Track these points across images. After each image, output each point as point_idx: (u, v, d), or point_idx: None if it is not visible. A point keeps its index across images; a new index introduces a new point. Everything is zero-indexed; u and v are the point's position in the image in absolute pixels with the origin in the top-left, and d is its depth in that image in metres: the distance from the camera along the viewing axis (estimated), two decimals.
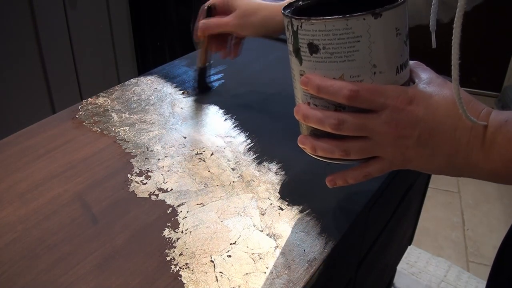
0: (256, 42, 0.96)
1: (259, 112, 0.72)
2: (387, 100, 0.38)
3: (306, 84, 0.39)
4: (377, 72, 0.38)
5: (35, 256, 0.47)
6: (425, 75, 0.41)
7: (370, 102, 0.38)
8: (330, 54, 0.38)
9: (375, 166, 0.42)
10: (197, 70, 0.77)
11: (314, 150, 0.42)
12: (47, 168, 0.59)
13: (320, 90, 0.39)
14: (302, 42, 0.39)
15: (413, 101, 0.38)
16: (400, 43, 0.39)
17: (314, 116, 0.40)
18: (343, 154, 0.41)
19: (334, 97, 0.38)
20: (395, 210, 0.79)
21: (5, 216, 0.51)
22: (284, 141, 0.65)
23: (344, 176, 0.44)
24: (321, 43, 0.38)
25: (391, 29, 0.37)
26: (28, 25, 1.36)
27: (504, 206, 1.75)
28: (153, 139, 0.65)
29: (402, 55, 0.39)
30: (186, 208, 0.53)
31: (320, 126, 0.40)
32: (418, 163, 0.40)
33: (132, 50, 1.80)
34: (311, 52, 0.39)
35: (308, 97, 0.41)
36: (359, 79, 0.38)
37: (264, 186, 0.56)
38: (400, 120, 0.38)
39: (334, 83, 0.38)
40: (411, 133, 0.38)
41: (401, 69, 0.40)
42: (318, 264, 0.46)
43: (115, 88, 0.78)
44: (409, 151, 0.39)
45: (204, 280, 0.44)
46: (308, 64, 0.40)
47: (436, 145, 0.38)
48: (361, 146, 0.40)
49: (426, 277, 1.44)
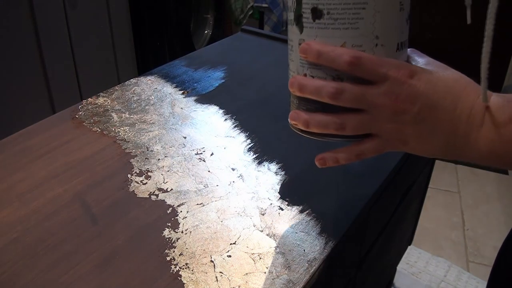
0: (256, 42, 0.96)
1: (259, 112, 0.72)
2: (389, 71, 0.37)
3: (306, 51, 0.38)
4: (379, 45, 0.38)
5: (35, 256, 0.47)
6: (422, 59, 0.40)
7: (371, 71, 0.37)
8: (333, 20, 0.37)
9: (369, 144, 0.40)
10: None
11: (307, 125, 0.40)
12: (47, 168, 0.59)
13: (320, 56, 0.37)
14: (305, 7, 0.38)
15: (414, 75, 0.37)
16: (402, 19, 0.39)
17: (311, 85, 0.38)
18: (338, 127, 0.38)
19: (334, 63, 0.37)
20: (395, 210, 0.79)
21: (5, 216, 0.51)
22: (284, 141, 0.65)
23: (335, 155, 0.41)
24: (325, 7, 0.37)
25: (396, 2, 0.37)
26: (28, 25, 1.36)
27: (504, 206, 1.74)
28: (153, 139, 0.65)
29: (403, 32, 0.39)
30: (186, 208, 0.53)
31: (317, 95, 0.38)
32: (414, 144, 0.39)
33: (132, 50, 1.80)
34: (314, 17, 0.38)
35: (306, 67, 0.39)
36: (360, 49, 0.37)
37: (264, 186, 0.56)
38: (400, 93, 0.37)
39: (336, 49, 0.37)
40: (411, 108, 0.37)
41: (401, 47, 0.39)
42: (318, 264, 0.46)
43: (115, 88, 0.78)
44: (406, 128, 0.38)
45: (204, 280, 0.44)
46: (309, 31, 0.39)
47: (435, 122, 0.37)
48: (358, 120, 0.38)
49: (426, 277, 1.44)
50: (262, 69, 0.86)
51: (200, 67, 0.86)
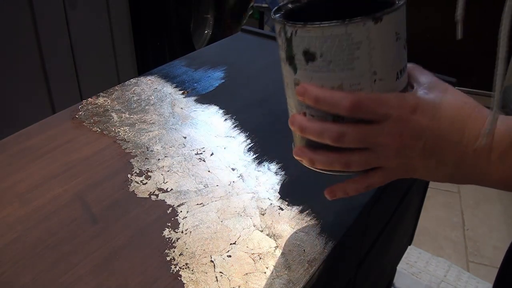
0: (256, 42, 0.96)
1: (259, 112, 0.72)
2: (390, 110, 0.36)
3: (303, 94, 0.37)
4: (377, 80, 0.36)
5: (35, 256, 0.47)
6: (425, 78, 0.39)
7: (372, 112, 0.36)
8: (327, 62, 0.35)
9: (377, 177, 0.40)
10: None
11: (312, 163, 0.40)
12: (47, 168, 0.59)
13: (318, 102, 0.36)
14: (296, 49, 0.36)
15: (416, 110, 0.36)
16: (399, 47, 0.37)
17: (312, 128, 0.38)
18: (344, 167, 0.38)
19: (333, 108, 0.36)
20: (395, 210, 0.79)
21: (5, 216, 0.51)
22: (284, 141, 0.65)
23: (344, 188, 0.41)
24: (318, 50, 0.35)
25: (391, 34, 0.35)
26: (28, 25, 1.36)
27: (504, 206, 1.74)
28: (153, 139, 0.65)
29: (401, 60, 0.37)
30: (186, 208, 0.53)
31: (319, 138, 0.38)
32: (422, 173, 0.39)
33: (132, 50, 1.80)
34: (307, 60, 0.36)
35: (304, 107, 0.38)
36: (358, 87, 0.36)
37: (264, 186, 0.56)
38: (403, 131, 0.36)
39: (334, 94, 0.36)
40: (416, 144, 0.36)
41: (401, 75, 0.38)
42: (318, 264, 0.46)
43: (115, 88, 0.78)
44: (413, 162, 0.38)
45: (204, 280, 0.44)
46: (303, 73, 0.37)
47: (441, 155, 0.37)
48: (363, 158, 0.38)
49: (426, 277, 1.44)
50: (262, 69, 0.86)
51: (200, 67, 0.86)
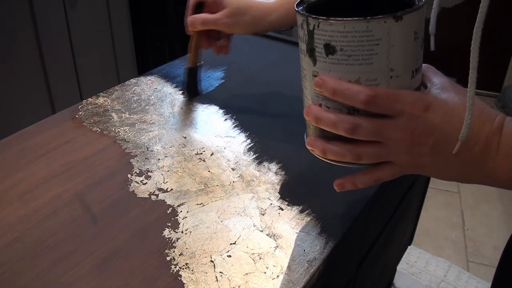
0: (256, 42, 0.96)
1: (259, 112, 0.72)
2: (404, 106, 0.37)
3: (320, 86, 0.38)
4: (394, 76, 0.37)
5: (35, 256, 0.47)
6: (437, 79, 0.40)
7: (386, 107, 0.37)
8: (347, 56, 0.37)
9: (386, 171, 0.41)
10: (186, 71, 0.74)
11: (324, 153, 0.41)
12: (47, 168, 0.59)
13: (336, 93, 0.38)
14: (318, 42, 0.37)
15: (429, 108, 0.37)
16: (417, 47, 0.38)
17: (327, 119, 0.39)
18: (355, 159, 0.39)
19: (350, 101, 0.37)
20: (395, 210, 0.79)
21: (5, 216, 0.51)
22: (284, 141, 0.65)
23: (353, 180, 0.42)
24: (338, 44, 0.36)
25: (410, 33, 0.37)
26: (28, 25, 1.36)
27: (504, 206, 1.75)
28: (153, 139, 0.65)
29: (418, 59, 0.39)
30: (186, 208, 0.53)
31: (333, 129, 0.39)
32: (431, 170, 0.40)
33: (132, 50, 1.80)
34: (327, 53, 0.37)
35: (320, 98, 0.40)
36: (375, 82, 0.37)
37: (264, 186, 0.56)
38: (416, 127, 0.37)
39: (351, 87, 0.37)
40: (426, 141, 0.38)
41: (416, 73, 0.39)
42: (318, 264, 0.46)
43: (115, 88, 0.78)
44: (423, 158, 0.39)
45: (204, 280, 0.44)
46: (322, 65, 0.38)
47: (450, 153, 0.38)
48: (374, 151, 0.39)
49: (426, 277, 1.44)
50: (262, 69, 0.86)
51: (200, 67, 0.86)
